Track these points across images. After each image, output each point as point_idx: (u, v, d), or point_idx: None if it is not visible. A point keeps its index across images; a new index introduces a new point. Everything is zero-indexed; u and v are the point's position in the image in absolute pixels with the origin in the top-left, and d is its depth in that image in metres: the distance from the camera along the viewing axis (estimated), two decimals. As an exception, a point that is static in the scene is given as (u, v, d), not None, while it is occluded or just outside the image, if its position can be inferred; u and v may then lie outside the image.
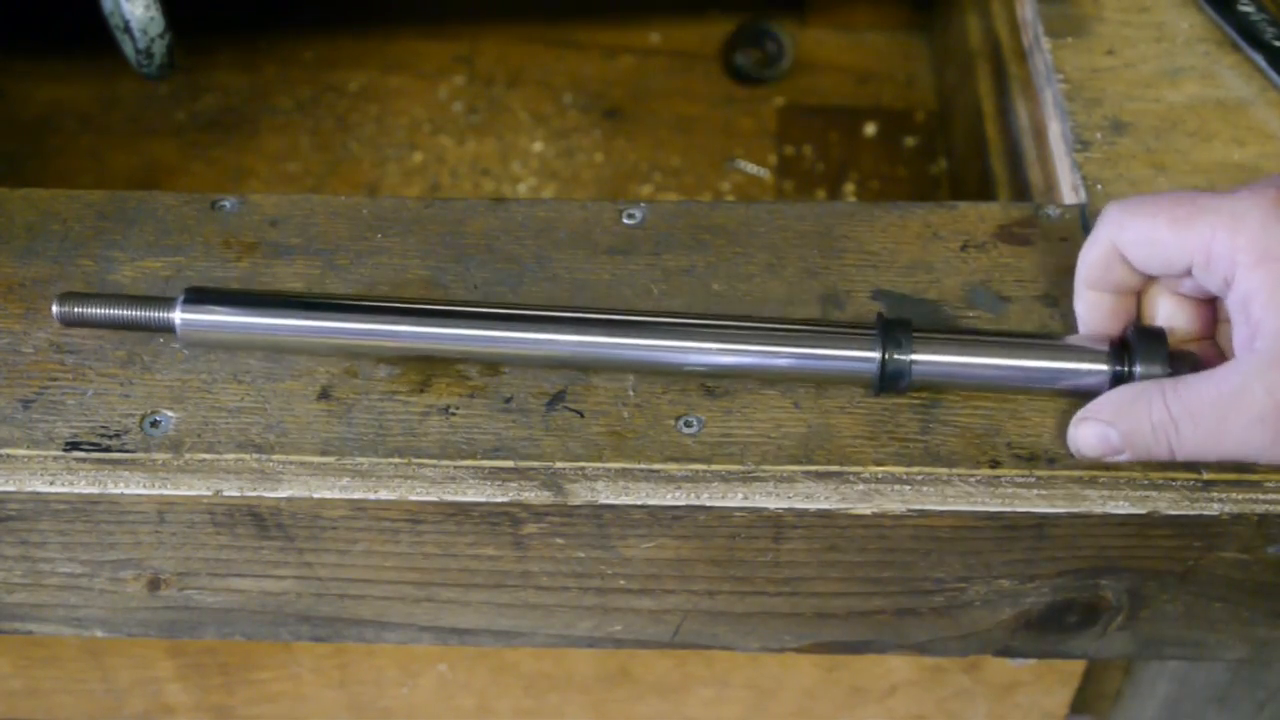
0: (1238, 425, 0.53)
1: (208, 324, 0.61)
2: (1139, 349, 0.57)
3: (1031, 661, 0.80)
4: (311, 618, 0.65)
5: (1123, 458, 0.56)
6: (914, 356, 0.58)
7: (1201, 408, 0.54)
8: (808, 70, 1.19)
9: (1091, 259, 0.59)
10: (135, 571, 0.63)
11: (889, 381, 0.59)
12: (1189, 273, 0.56)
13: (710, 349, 0.59)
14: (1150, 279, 0.59)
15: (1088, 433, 0.57)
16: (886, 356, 0.58)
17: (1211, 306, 0.59)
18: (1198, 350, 0.59)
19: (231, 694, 0.85)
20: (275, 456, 0.59)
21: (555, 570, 0.61)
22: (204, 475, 0.58)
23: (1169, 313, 0.59)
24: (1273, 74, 0.73)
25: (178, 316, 0.60)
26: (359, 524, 0.59)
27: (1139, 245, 0.56)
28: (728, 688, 0.83)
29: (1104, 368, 0.58)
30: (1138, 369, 0.57)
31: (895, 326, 0.59)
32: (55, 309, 0.61)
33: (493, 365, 0.61)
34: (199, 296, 0.61)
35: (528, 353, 0.60)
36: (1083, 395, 0.59)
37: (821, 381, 0.61)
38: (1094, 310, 0.60)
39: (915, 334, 0.59)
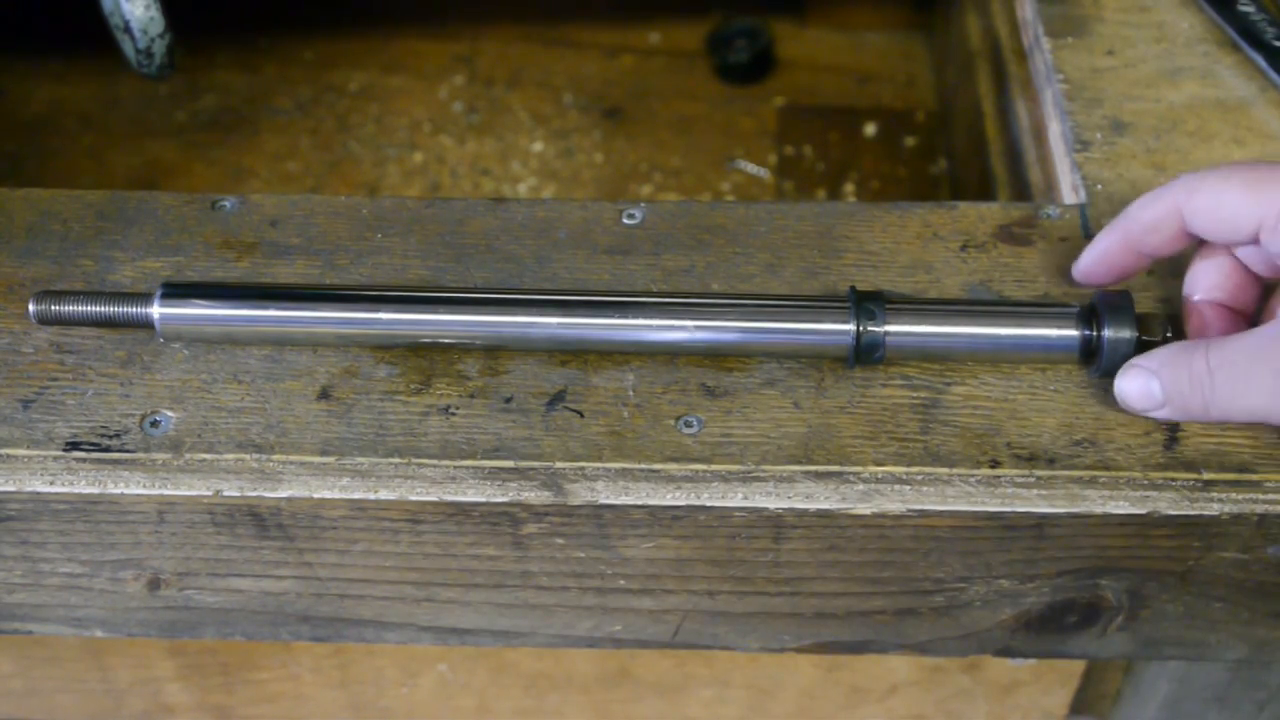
0: (1267, 374, 0.54)
1: (187, 318, 0.61)
2: (1106, 312, 0.59)
3: (1031, 661, 0.80)
4: (311, 618, 0.65)
5: (1163, 413, 0.58)
6: (887, 328, 0.59)
7: (1237, 356, 0.55)
8: (808, 70, 1.19)
9: (1147, 217, 0.59)
10: (135, 571, 0.63)
11: (864, 354, 0.59)
12: (1255, 239, 0.57)
13: (686, 325, 0.60)
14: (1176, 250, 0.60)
15: (1131, 383, 0.58)
16: (860, 329, 0.59)
17: (1257, 283, 0.60)
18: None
19: (231, 694, 0.85)
20: (275, 456, 0.59)
21: (555, 570, 0.61)
22: (204, 475, 0.58)
23: (1213, 283, 0.60)
24: (1273, 74, 0.73)
25: (156, 311, 0.61)
26: (359, 524, 0.59)
27: (1208, 210, 0.57)
28: (728, 688, 0.83)
29: (1073, 332, 0.59)
30: (1106, 332, 0.58)
31: (868, 299, 0.60)
32: (32, 308, 0.61)
33: (471, 351, 0.61)
34: (177, 291, 0.61)
35: (510, 334, 0.61)
36: (1055, 360, 0.60)
37: (798, 356, 0.61)
38: (1104, 259, 0.61)
39: (889, 306, 0.59)
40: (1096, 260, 0.61)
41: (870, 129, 1.14)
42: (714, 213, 0.68)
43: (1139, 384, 0.58)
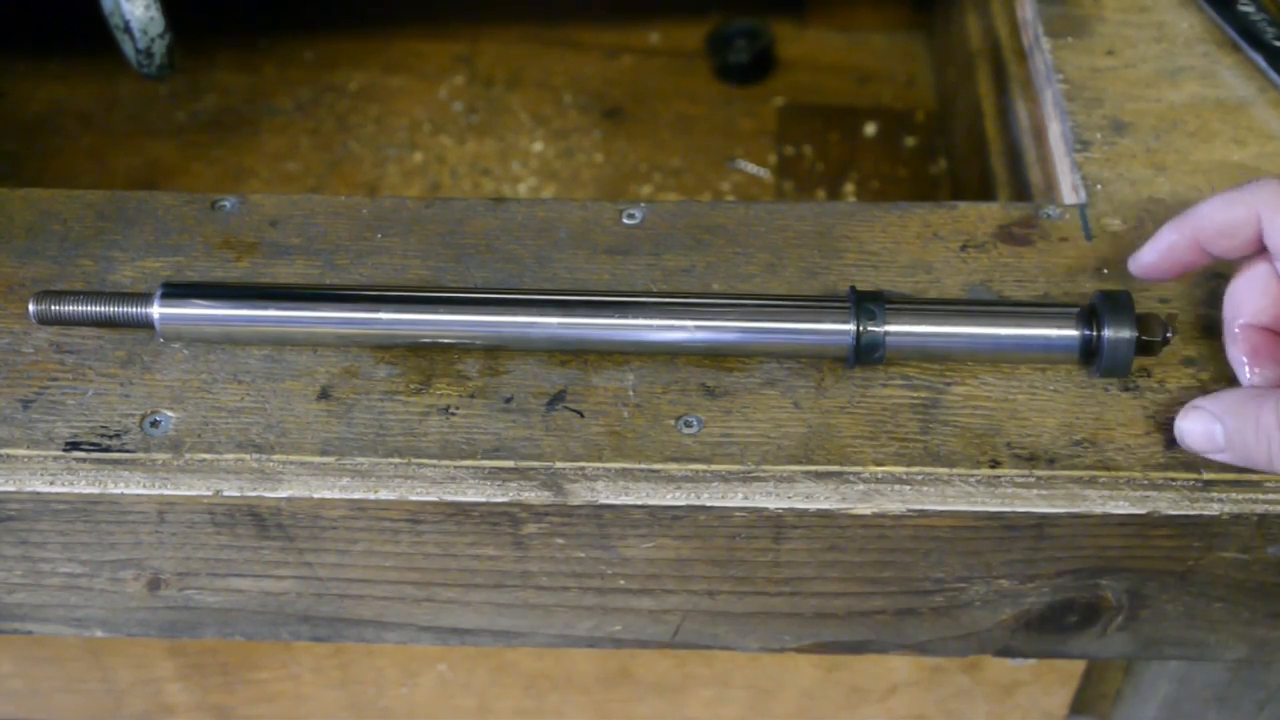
0: None
1: (187, 318, 0.61)
2: (1106, 312, 0.58)
3: (1031, 661, 0.80)
4: (311, 618, 0.65)
5: (1223, 457, 0.56)
6: (888, 328, 0.59)
7: None
8: (808, 70, 1.19)
9: (1222, 218, 0.57)
10: (135, 571, 0.63)
11: (864, 354, 0.59)
12: None
13: (686, 325, 0.60)
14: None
15: (1194, 425, 0.57)
16: (861, 329, 0.59)
17: None
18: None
19: (231, 694, 0.85)
20: (275, 456, 0.59)
21: (555, 570, 0.61)
22: (204, 475, 0.58)
23: (1258, 307, 0.58)
24: (1273, 74, 0.73)
25: (156, 311, 0.61)
26: (359, 524, 0.59)
27: None
28: (728, 688, 0.83)
29: (1073, 332, 0.59)
30: (1106, 331, 0.58)
31: (868, 299, 0.59)
32: (32, 308, 0.61)
33: (472, 351, 0.61)
34: (177, 291, 0.61)
35: (510, 334, 0.61)
36: (1055, 360, 0.60)
37: (799, 356, 0.61)
38: (1169, 254, 0.59)
39: (888, 306, 0.59)
40: (1160, 255, 0.59)
41: (870, 129, 1.14)
42: (714, 213, 0.68)
43: (1201, 426, 0.56)
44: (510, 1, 1.22)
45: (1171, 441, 0.58)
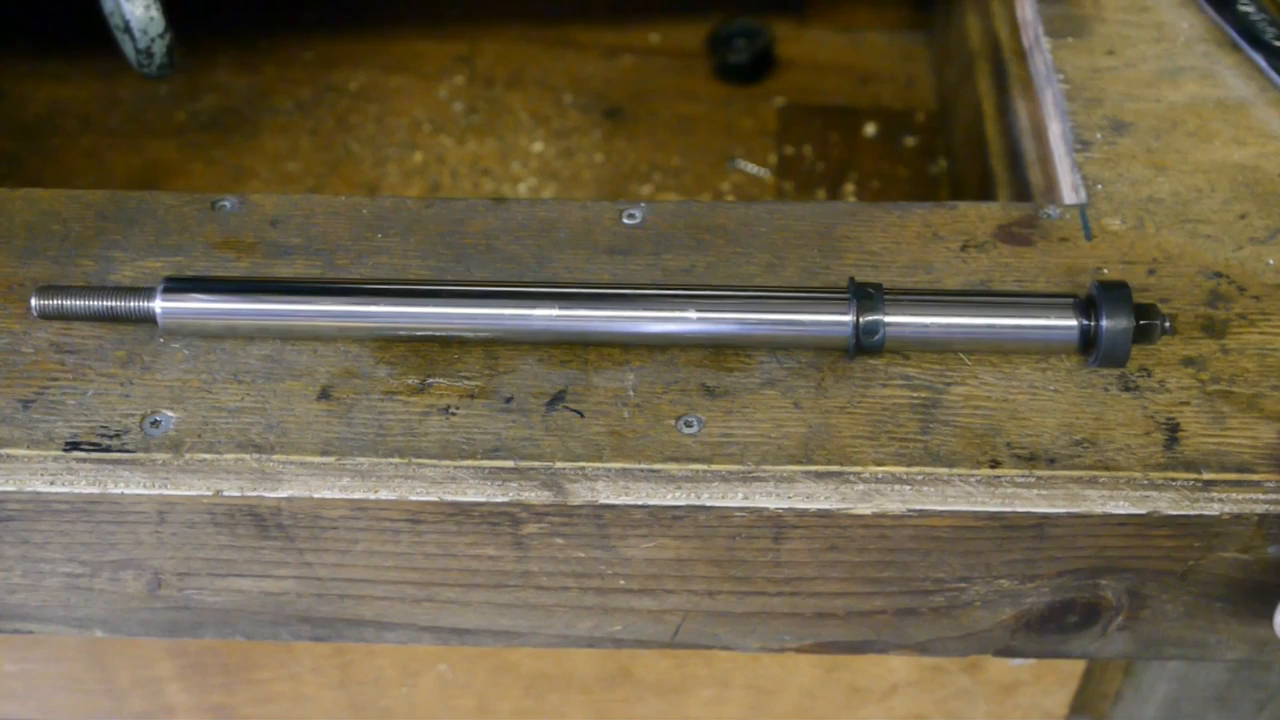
0: None
1: (189, 311, 0.61)
2: (1104, 302, 0.58)
3: (1031, 661, 0.80)
4: (312, 618, 0.65)
5: None
6: (886, 318, 0.59)
7: None
8: (808, 70, 1.19)
9: None
10: (135, 571, 0.63)
11: (863, 338, 0.59)
12: None
13: (687, 316, 0.60)
14: None
15: None
16: (859, 319, 0.59)
17: None
18: None
19: (232, 694, 0.85)
20: (275, 456, 0.59)
21: (555, 570, 0.61)
22: (204, 475, 0.58)
23: None
24: (1273, 74, 0.73)
25: (158, 305, 0.61)
26: (359, 524, 0.59)
27: None
28: (728, 688, 0.83)
29: (1072, 321, 0.59)
30: (1104, 321, 0.58)
31: (867, 289, 0.60)
32: (34, 302, 0.61)
33: (472, 349, 0.61)
34: (179, 285, 0.61)
35: (512, 325, 0.61)
36: (1054, 350, 0.60)
37: (799, 345, 0.61)
38: None
39: (887, 296, 0.60)
40: None
41: (870, 129, 1.14)
42: (714, 213, 0.68)
43: None
44: (510, 1, 1.22)
45: (1172, 441, 0.58)
